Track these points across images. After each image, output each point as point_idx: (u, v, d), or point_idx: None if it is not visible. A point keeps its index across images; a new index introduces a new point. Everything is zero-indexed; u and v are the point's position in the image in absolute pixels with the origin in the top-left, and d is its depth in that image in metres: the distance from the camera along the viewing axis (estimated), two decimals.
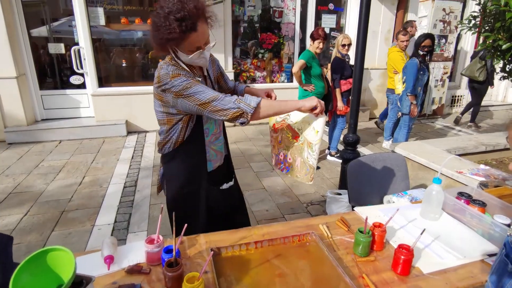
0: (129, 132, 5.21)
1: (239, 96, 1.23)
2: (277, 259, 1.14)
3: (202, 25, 1.21)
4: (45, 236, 2.54)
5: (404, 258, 1.05)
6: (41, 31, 4.84)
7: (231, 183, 1.60)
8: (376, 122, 5.72)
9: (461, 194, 1.49)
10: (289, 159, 1.53)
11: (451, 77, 6.87)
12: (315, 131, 1.38)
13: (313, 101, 1.28)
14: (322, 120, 1.35)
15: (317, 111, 1.31)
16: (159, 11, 1.17)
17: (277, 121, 1.58)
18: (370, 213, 1.44)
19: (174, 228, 1.04)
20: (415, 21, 5.28)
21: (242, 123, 1.24)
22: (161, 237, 1.12)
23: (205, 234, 1.28)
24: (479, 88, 5.62)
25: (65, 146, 4.60)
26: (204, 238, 1.26)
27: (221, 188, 1.55)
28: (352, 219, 1.42)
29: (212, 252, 1.03)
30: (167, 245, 1.09)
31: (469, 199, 1.45)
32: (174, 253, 1.00)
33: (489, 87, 5.61)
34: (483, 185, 1.95)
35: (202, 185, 1.44)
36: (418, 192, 1.90)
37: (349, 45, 3.86)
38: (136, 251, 1.17)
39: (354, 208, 1.53)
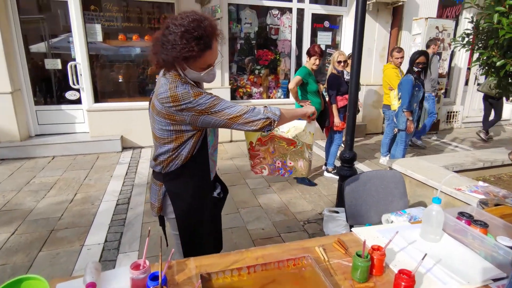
0: (124, 148, 5.15)
1: (264, 107, 1.35)
2: (271, 285, 1.08)
3: (215, 42, 1.23)
4: (32, 256, 2.44)
5: (405, 285, 0.99)
6: (40, 47, 4.86)
7: (218, 190, 1.60)
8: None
9: (461, 214, 1.44)
10: (290, 163, 1.75)
11: (446, 93, 6.93)
12: (311, 134, 1.69)
13: (312, 108, 1.59)
14: (314, 124, 1.70)
15: (313, 117, 1.61)
16: (173, 29, 1.15)
17: (263, 134, 1.67)
18: (368, 235, 1.38)
19: (161, 253, 0.98)
20: (438, 39, 5.37)
21: (267, 131, 1.35)
22: (147, 262, 1.05)
23: (195, 258, 1.21)
24: (493, 103, 5.76)
25: (58, 162, 4.52)
26: (194, 262, 1.19)
27: (213, 196, 1.56)
28: (350, 240, 1.36)
29: (200, 279, 0.96)
30: (154, 271, 1.03)
31: (470, 220, 1.40)
32: (160, 280, 0.94)
33: (506, 100, 5.71)
34: (483, 203, 1.91)
35: (208, 196, 1.48)
36: (417, 211, 1.85)
37: (345, 61, 3.89)
38: (121, 277, 1.10)
39: (351, 229, 1.47)
